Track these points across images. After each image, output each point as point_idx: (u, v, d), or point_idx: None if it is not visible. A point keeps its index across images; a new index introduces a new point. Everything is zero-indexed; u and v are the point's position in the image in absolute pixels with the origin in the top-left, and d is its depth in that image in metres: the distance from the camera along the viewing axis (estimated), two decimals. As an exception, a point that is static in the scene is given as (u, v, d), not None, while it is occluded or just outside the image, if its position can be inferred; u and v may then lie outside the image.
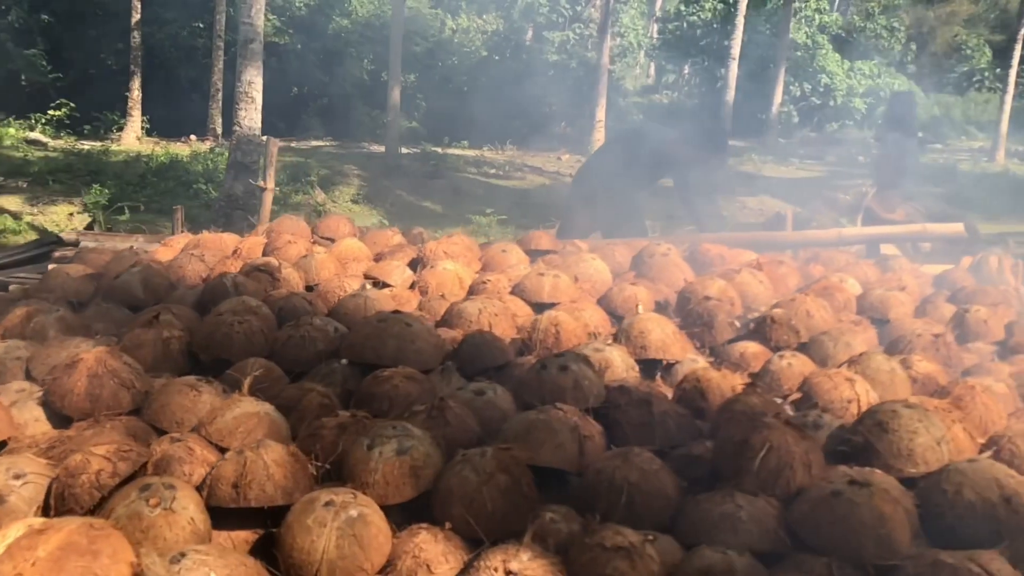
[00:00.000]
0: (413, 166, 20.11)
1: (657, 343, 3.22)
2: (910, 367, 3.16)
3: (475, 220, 16.72)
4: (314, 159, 19.96)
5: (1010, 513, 2.20)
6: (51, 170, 16.51)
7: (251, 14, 12.39)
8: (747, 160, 22.76)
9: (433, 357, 3.00)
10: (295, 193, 17.10)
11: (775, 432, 2.31)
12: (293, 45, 22.07)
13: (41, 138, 19.03)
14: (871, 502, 2.06)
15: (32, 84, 20.82)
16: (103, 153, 18.33)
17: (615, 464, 2.29)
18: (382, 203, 17.82)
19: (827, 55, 25.40)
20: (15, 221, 14.00)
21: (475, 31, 24.05)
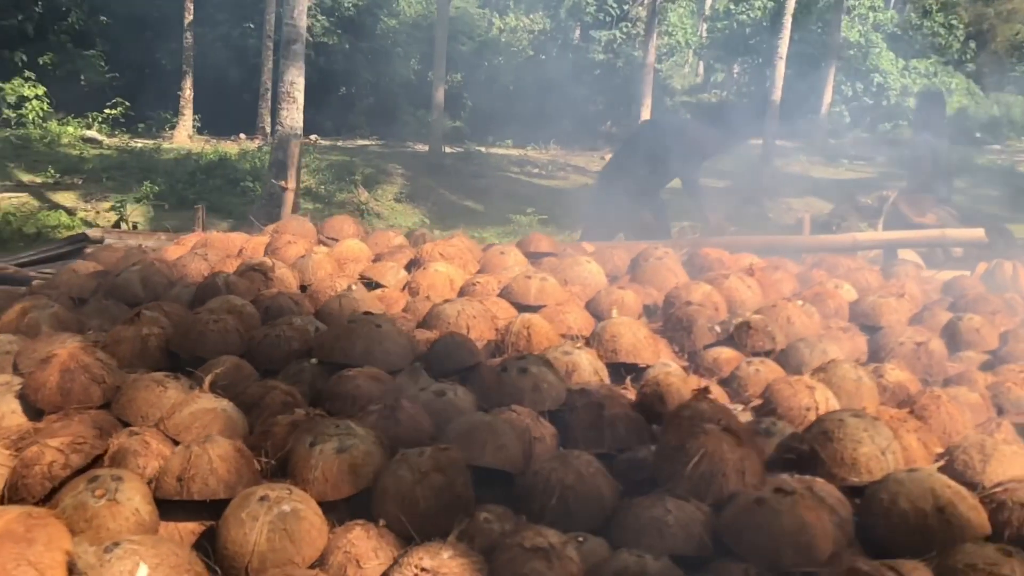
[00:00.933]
0: (456, 165, 20.22)
1: (628, 347, 3.25)
2: (882, 376, 3.16)
3: (515, 219, 16.78)
4: (359, 158, 20.17)
5: (942, 523, 2.21)
6: (105, 167, 16.91)
7: (294, 16, 12.59)
8: (795, 161, 22.53)
9: (402, 358, 3.07)
10: (339, 192, 17.29)
11: (711, 438, 2.34)
12: (341, 45, 22.31)
13: (97, 136, 19.51)
14: (793, 510, 2.08)
15: (91, 84, 21.32)
16: (155, 151, 18.74)
17: (552, 466, 2.34)
18: (424, 202, 17.95)
19: (881, 54, 25.01)
20: (69, 217, 14.37)
21: (522, 30, 24.11)
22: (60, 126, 19.42)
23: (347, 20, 22.45)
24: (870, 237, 6.00)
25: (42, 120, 19.59)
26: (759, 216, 15.75)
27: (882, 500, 2.29)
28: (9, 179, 15.97)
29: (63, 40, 20.56)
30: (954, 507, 2.22)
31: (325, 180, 17.89)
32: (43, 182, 16.03)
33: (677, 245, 5.08)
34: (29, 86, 19.66)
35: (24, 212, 14.20)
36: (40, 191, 15.48)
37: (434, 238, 4.82)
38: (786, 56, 20.27)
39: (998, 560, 2.01)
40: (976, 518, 2.23)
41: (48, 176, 16.17)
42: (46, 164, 16.60)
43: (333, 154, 20.44)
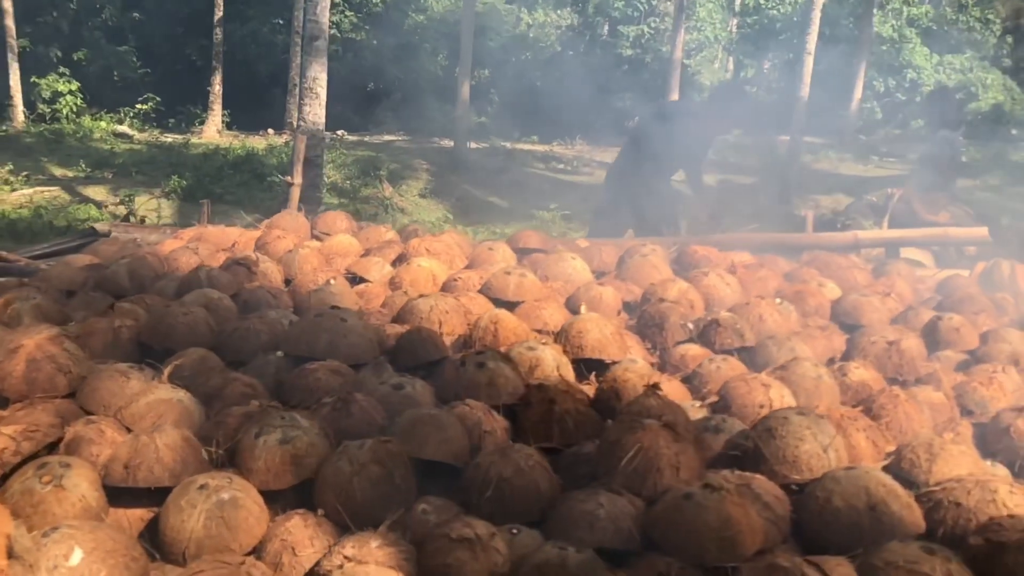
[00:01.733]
0: (481, 161, 20.29)
1: (594, 343, 3.28)
2: (845, 374, 3.16)
3: (539, 215, 16.82)
4: (385, 153, 20.29)
5: (873, 521, 2.22)
6: (135, 162, 17.18)
7: (316, 12, 12.69)
8: (823, 157, 22.37)
9: (367, 351, 3.12)
10: (364, 187, 17.42)
11: (648, 433, 2.37)
12: (369, 41, 22.47)
13: (128, 131, 19.81)
14: (719, 506, 2.11)
15: (123, 79, 21.67)
16: (184, 146, 19.00)
17: (492, 459, 2.38)
18: (448, 198, 18.04)
19: (914, 49, 24.72)
20: (99, 211, 14.60)
21: (550, 26, 24.11)
22: (93, 121, 19.73)
23: (375, 16, 22.60)
24: (872, 235, 5.97)
25: (75, 115, 19.93)
26: (785, 213, 15.59)
27: (818, 498, 2.31)
28: (42, 173, 16.28)
29: (96, 36, 20.93)
30: (886, 505, 2.23)
31: (351, 175, 18.03)
32: (75, 176, 16.32)
33: (666, 242, 5.09)
34: (63, 81, 20.03)
35: (56, 205, 14.46)
36: (71, 185, 15.77)
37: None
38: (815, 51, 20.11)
39: (919, 558, 2.02)
40: (909, 516, 2.24)
41: (80, 170, 16.45)
42: (78, 158, 16.90)
43: (359, 149, 20.58)
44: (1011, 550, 2.04)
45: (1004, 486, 2.29)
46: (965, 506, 2.27)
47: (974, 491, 2.29)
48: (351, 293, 3.76)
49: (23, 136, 18.17)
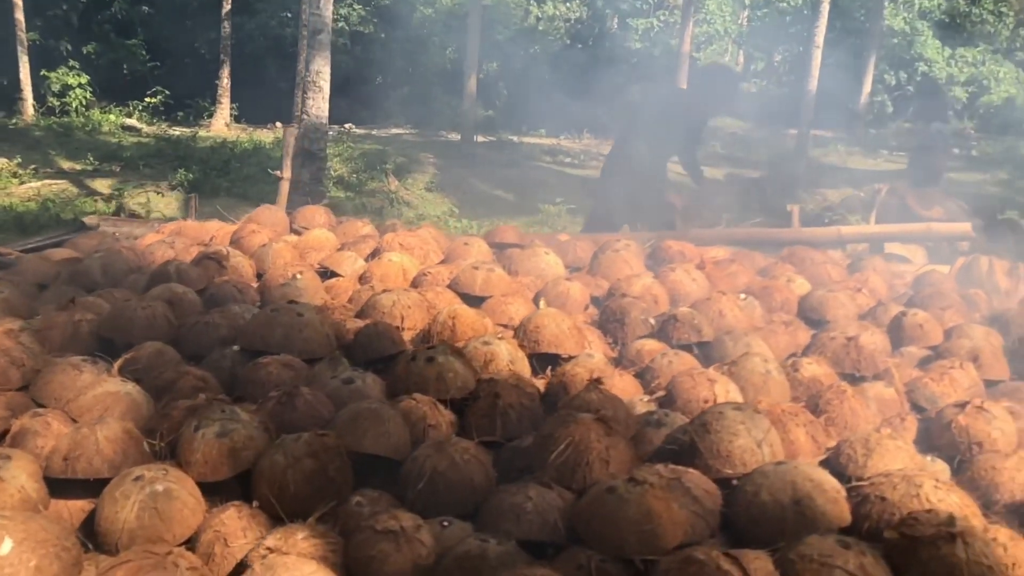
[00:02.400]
0: (488, 155, 20.29)
1: (550, 338, 3.31)
2: (797, 370, 3.18)
3: (544, 209, 16.82)
4: (392, 147, 20.33)
5: (797, 515, 2.25)
6: (142, 155, 17.28)
7: (320, 5, 12.75)
8: (832, 151, 22.28)
9: (322, 346, 3.17)
10: (370, 180, 17.46)
11: (579, 428, 2.40)
12: (377, 34, 22.50)
13: (136, 124, 19.92)
14: (641, 500, 2.14)
15: (132, 72, 21.77)
16: (191, 139, 19.09)
17: (427, 453, 2.42)
18: (454, 191, 18.06)
19: (926, 42, 24.56)
20: (105, 203, 14.71)
21: (559, 19, 24.09)
22: (102, 114, 19.84)
23: (383, 9, 22.64)
24: (855, 231, 5.97)
25: (85, 108, 20.03)
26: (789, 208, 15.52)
27: (747, 492, 2.34)
28: (50, 166, 16.39)
29: (106, 30, 21.04)
30: (811, 500, 2.26)
31: (357, 169, 18.07)
32: (82, 169, 16.41)
33: (643, 237, 5.11)
34: (73, 75, 20.13)
35: (63, 198, 14.56)
36: (79, 178, 15.87)
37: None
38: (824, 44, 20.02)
39: (833, 552, 2.05)
40: (833, 511, 2.26)
41: (87, 163, 16.55)
42: (86, 151, 17.00)
43: (366, 143, 20.64)
44: (925, 544, 2.07)
45: (929, 481, 2.31)
46: (890, 500, 2.29)
47: (899, 486, 2.31)
48: (319, 287, 3.80)
49: (32, 129, 18.30)
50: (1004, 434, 2.78)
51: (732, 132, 24.65)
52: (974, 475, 2.62)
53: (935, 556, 2.05)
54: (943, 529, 2.07)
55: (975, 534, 2.07)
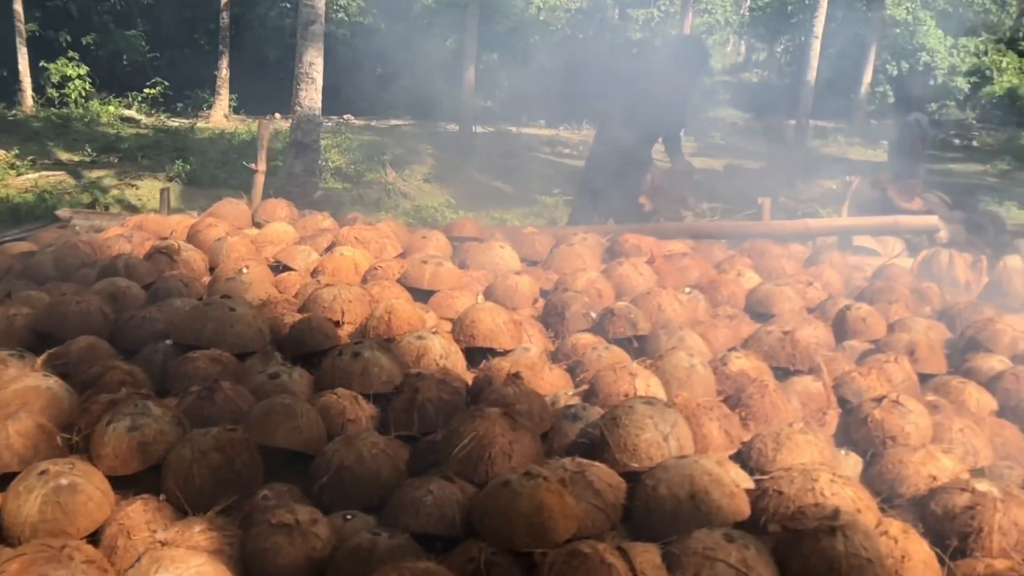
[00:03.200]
0: (487, 145, 20.30)
1: (485, 332, 3.35)
2: (726, 364, 3.21)
3: (542, 200, 16.85)
4: (391, 138, 20.35)
5: (692, 509, 2.28)
6: (141, 146, 17.35)
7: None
8: (832, 142, 22.24)
9: (254, 340, 3.20)
10: (368, 172, 17.50)
11: (484, 422, 2.44)
12: (377, 24, 22.51)
13: (135, 115, 19.98)
14: (534, 493, 2.17)
15: (132, 63, 21.84)
16: (190, 130, 19.15)
17: (336, 447, 2.46)
18: (452, 183, 18.09)
19: (928, 31, 24.44)
20: (103, 195, 14.78)
21: (560, 9, 24.06)
22: (101, 105, 19.90)
23: (383, 0, 22.64)
24: (822, 223, 5.98)
25: (84, 99, 20.09)
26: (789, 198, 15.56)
27: (647, 486, 2.37)
28: (48, 157, 16.46)
29: (105, 20, 21.09)
30: (707, 494, 2.29)
31: (355, 160, 18.10)
32: (80, 160, 16.48)
33: (603, 230, 5.14)
34: (72, 66, 20.18)
35: (60, 190, 14.64)
36: (77, 169, 15.94)
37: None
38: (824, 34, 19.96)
39: (717, 545, 2.08)
40: (729, 505, 2.30)
41: (85, 155, 16.61)
42: (84, 143, 17.06)
43: (365, 134, 20.67)
44: (807, 537, 2.10)
45: (826, 475, 2.34)
46: (786, 494, 2.32)
47: (796, 480, 2.34)
48: (265, 281, 3.84)
49: (31, 121, 18.38)
50: (918, 428, 2.81)
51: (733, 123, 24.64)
52: (882, 469, 2.64)
53: (815, 549, 2.08)
54: (824, 523, 2.10)
55: (857, 527, 2.10)
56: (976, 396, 3.22)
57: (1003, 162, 20.26)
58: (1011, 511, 2.29)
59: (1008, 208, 16.94)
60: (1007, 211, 16.71)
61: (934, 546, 2.31)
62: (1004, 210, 16.67)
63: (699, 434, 2.69)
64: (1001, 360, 3.52)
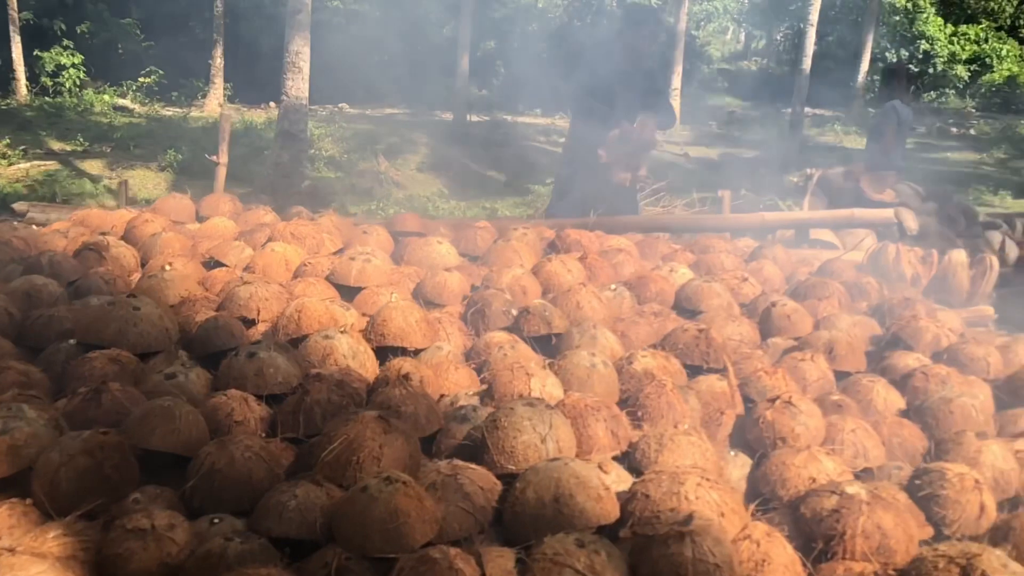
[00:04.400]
0: (482, 134, 20.28)
1: (396, 331, 3.34)
2: (632, 363, 3.20)
3: (535, 190, 16.84)
4: (385, 126, 20.35)
5: (555, 513, 2.28)
6: (134, 136, 17.39)
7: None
8: (828, 131, 22.15)
9: (159, 340, 3.20)
10: (361, 161, 17.50)
11: (354, 425, 2.44)
12: (373, 12, 22.47)
13: (128, 104, 20.01)
14: (391, 498, 2.17)
15: (127, 52, 21.86)
16: (183, 119, 19.17)
17: (209, 450, 2.46)
18: (445, 172, 18.11)
19: (928, 19, 24.30)
20: (93, 184, 14.82)
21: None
22: (96, 95, 19.92)
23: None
24: (779, 217, 5.96)
25: (79, 88, 20.11)
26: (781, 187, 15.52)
27: (516, 489, 2.37)
28: (41, 147, 16.51)
29: (100, 8, 21.10)
30: (571, 498, 2.29)
31: (349, 149, 18.10)
32: (73, 150, 16.53)
33: (551, 224, 5.12)
34: (67, 54, 20.21)
35: (51, 180, 14.68)
36: (69, 159, 15.99)
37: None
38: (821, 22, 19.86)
39: (567, 551, 2.08)
40: (593, 509, 2.29)
41: (78, 144, 16.66)
42: (77, 133, 17.10)
43: (359, 123, 20.66)
44: (656, 543, 2.10)
45: (694, 478, 2.33)
46: (652, 498, 2.32)
47: (664, 483, 2.34)
48: (188, 279, 3.84)
49: (24, 110, 18.43)
50: (808, 429, 2.80)
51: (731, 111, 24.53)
52: (766, 470, 2.64)
53: (664, 555, 2.08)
54: (674, 528, 2.10)
55: (707, 533, 2.09)
56: (884, 395, 3.21)
57: (1000, 151, 20.15)
58: (876, 514, 2.29)
59: (1003, 197, 16.87)
60: (1002, 200, 16.63)
61: (803, 550, 2.31)
62: (999, 199, 16.59)
63: (585, 435, 2.69)
64: (918, 358, 3.51)
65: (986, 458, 2.66)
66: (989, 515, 2.46)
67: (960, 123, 23.05)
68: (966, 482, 2.48)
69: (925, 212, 8.10)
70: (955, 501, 2.47)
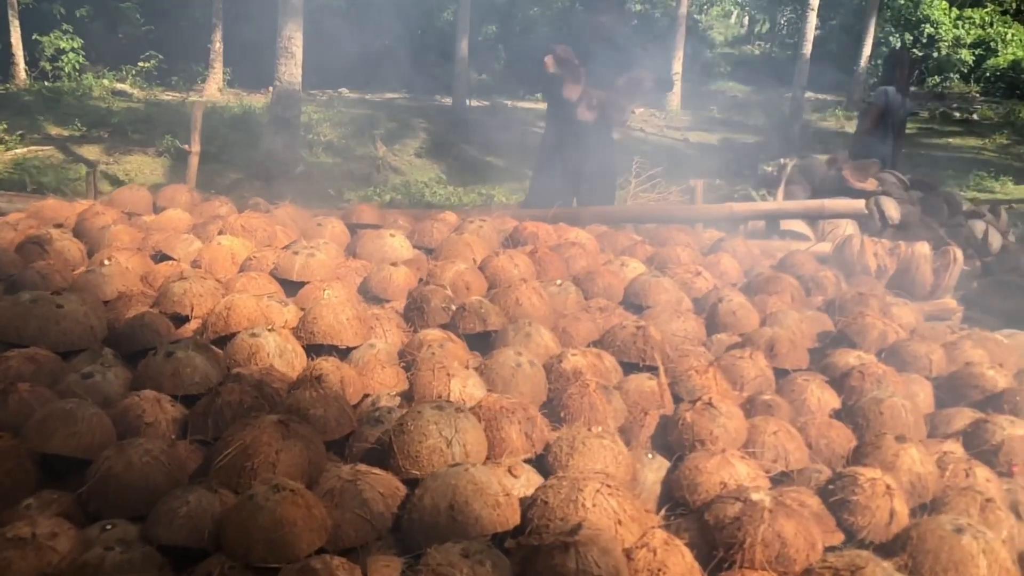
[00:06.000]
0: (481, 120, 20.18)
1: (326, 329, 3.30)
2: (561, 361, 3.16)
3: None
4: (385, 111, 20.26)
5: (449, 520, 2.25)
6: (132, 121, 17.36)
7: (290, -31, 12.70)
8: (830, 116, 21.98)
9: (83, 338, 3.17)
10: (359, 146, 17.44)
11: (251, 431, 2.40)
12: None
13: (127, 89, 19.96)
14: (276, 507, 2.14)
15: (127, 36, 21.81)
16: (181, 104, 19.12)
17: (108, 453, 2.43)
18: (444, 157, 18.04)
19: (932, 3, 24.05)
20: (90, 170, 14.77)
21: (559, -20, 23.86)
22: (95, 79, 19.89)
23: (381, -31, 22.45)
24: (748, 208, 5.89)
25: (78, 73, 20.07)
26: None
27: (416, 496, 2.34)
28: (38, 132, 16.49)
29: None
30: (467, 505, 2.25)
31: (347, 134, 18.03)
32: (70, 135, 16.51)
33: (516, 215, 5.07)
34: (66, 39, 20.16)
35: (47, 165, 14.67)
36: (66, 144, 15.97)
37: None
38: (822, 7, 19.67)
39: (451, 561, 2.05)
40: (490, 516, 2.25)
41: (75, 130, 16.63)
42: (75, 118, 17.07)
43: (358, 107, 20.58)
44: (542, 554, 2.06)
45: (593, 485, 2.29)
46: (551, 505, 2.28)
47: (563, 490, 2.30)
48: (130, 274, 3.80)
49: (22, 94, 18.41)
50: (727, 431, 2.75)
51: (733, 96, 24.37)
52: (680, 474, 2.59)
53: (548, 566, 2.04)
54: (559, 539, 2.06)
55: (594, 543, 2.05)
56: (818, 394, 3.16)
57: (1002, 136, 19.96)
58: (777, 522, 2.24)
59: (1004, 183, 16.71)
60: (1003, 186, 16.47)
61: (707, 558, 2.27)
62: (1000, 185, 16.43)
63: (497, 438, 2.65)
64: (859, 356, 3.46)
65: (903, 462, 2.60)
66: (900, 521, 2.41)
67: (963, 108, 22.85)
68: (877, 487, 2.43)
69: (908, 201, 8.02)
70: (865, 507, 2.42)
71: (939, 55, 23.86)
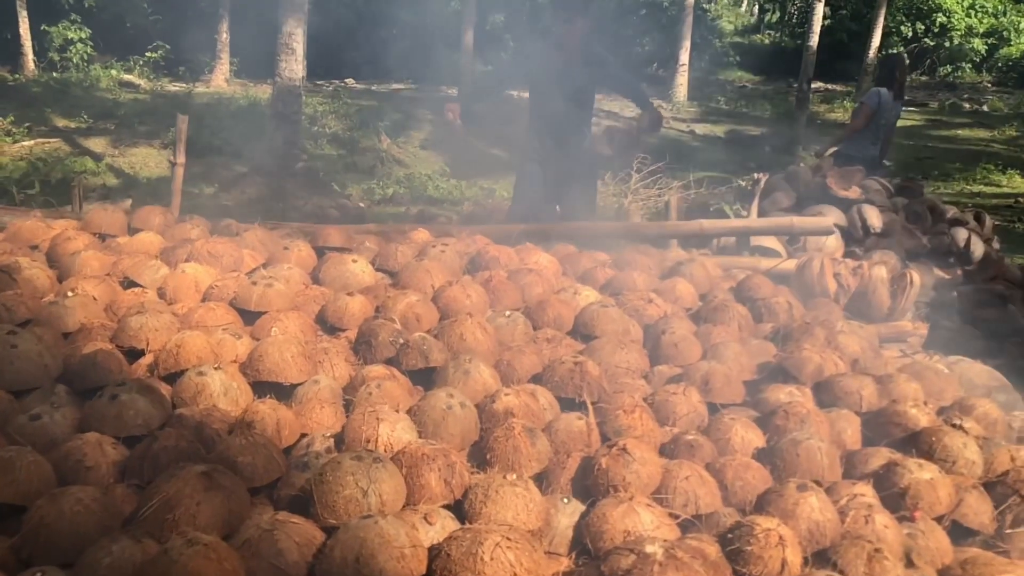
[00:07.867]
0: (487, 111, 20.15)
1: (271, 366, 3.42)
2: (495, 401, 3.26)
3: (540, 168, 16.68)
4: (390, 103, 20.32)
5: (356, 573, 2.36)
6: (138, 112, 17.51)
7: (293, -36, 12.77)
8: (838, 106, 21.89)
9: (36, 377, 3.30)
10: (364, 138, 17.53)
11: (175, 482, 2.53)
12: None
13: (134, 80, 20.11)
14: (189, 561, 2.26)
15: (135, 26, 21.94)
16: (188, 96, 19.25)
17: (41, 503, 2.57)
18: (448, 149, 18.09)
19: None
20: (95, 163, 14.98)
21: (566, -30, 23.74)
22: (103, 70, 20.03)
23: (387, -40, 22.50)
24: (718, 225, 5.96)
25: (86, 63, 20.22)
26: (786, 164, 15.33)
27: (327, 547, 2.46)
28: (45, 124, 16.66)
29: (107, -19, 21.14)
30: (372, 558, 2.37)
31: (352, 126, 18.12)
32: (77, 127, 16.66)
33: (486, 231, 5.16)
34: (75, 29, 20.30)
35: (54, 158, 14.84)
36: (72, 136, 16.13)
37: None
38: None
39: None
40: (394, 569, 2.37)
41: (82, 121, 16.78)
42: (81, 109, 17.22)
43: (364, 99, 20.65)
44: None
45: (494, 538, 2.40)
46: (452, 557, 2.39)
47: (465, 543, 2.41)
48: (93, 305, 3.93)
49: (30, 86, 18.58)
50: (639, 477, 2.85)
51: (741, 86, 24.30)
52: (588, 521, 2.70)
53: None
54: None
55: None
56: (742, 434, 3.25)
57: (1012, 128, 19.84)
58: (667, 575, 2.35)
59: (1011, 176, 16.65)
60: (1009, 179, 16.42)
61: (603, 608, 2.39)
62: (1007, 179, 16.37)
63: (417, 484, 2.76)
64: (790, 392, 3.55)
65: (803, 511, 2.71)
66: (792, 571, 2.52)
67: (974, 98, 22.70)
68: (771, 538, 2.54)
69: (892, 209, 8.07)
70: (758, 557, 2.53)
71: (951, 44, 23.72)
